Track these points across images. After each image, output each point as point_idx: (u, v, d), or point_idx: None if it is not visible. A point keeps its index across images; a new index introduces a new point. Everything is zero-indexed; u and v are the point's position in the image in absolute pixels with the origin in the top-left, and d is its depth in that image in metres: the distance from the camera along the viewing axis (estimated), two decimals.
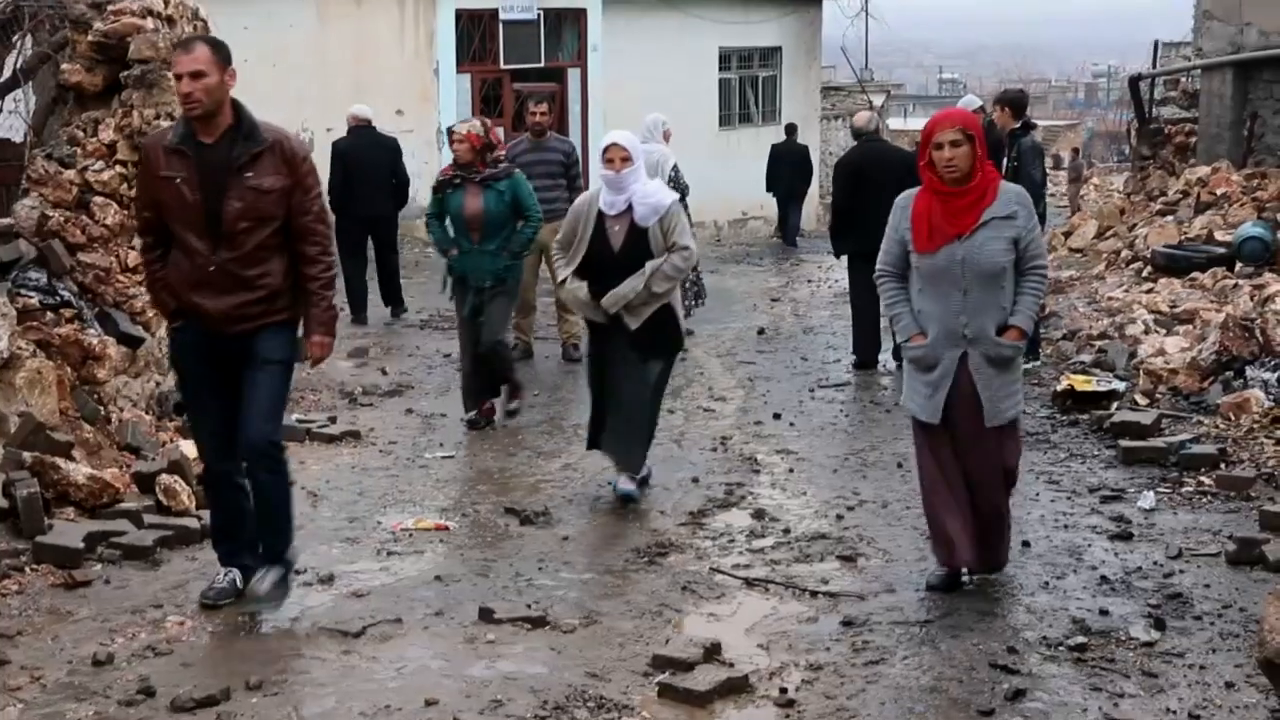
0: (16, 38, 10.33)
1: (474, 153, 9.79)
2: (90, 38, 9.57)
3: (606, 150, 7.89)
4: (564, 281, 8.11)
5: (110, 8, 9.70)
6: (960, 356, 6.33)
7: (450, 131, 10.24)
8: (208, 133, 5.98)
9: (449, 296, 10.22)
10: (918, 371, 6.45)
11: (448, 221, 9.97)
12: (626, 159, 7.83)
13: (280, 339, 6.18)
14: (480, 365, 9.97)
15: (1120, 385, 10.42)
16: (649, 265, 7.81)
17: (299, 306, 6.22)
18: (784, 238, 24.16)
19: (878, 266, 6.61)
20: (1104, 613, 6.29)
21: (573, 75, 21.80)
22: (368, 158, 14.11)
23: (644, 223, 7.86)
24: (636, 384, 8.09)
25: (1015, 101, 11.92)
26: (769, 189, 24.15)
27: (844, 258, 12.68)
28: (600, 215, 7.93)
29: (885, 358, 12.51)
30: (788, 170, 23.71)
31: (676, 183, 13.12)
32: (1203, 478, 8.38)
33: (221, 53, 6.03)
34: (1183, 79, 20.98)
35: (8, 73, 10.59)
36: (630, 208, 7.85)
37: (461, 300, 9.96)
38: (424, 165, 19.93)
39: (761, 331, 14.09)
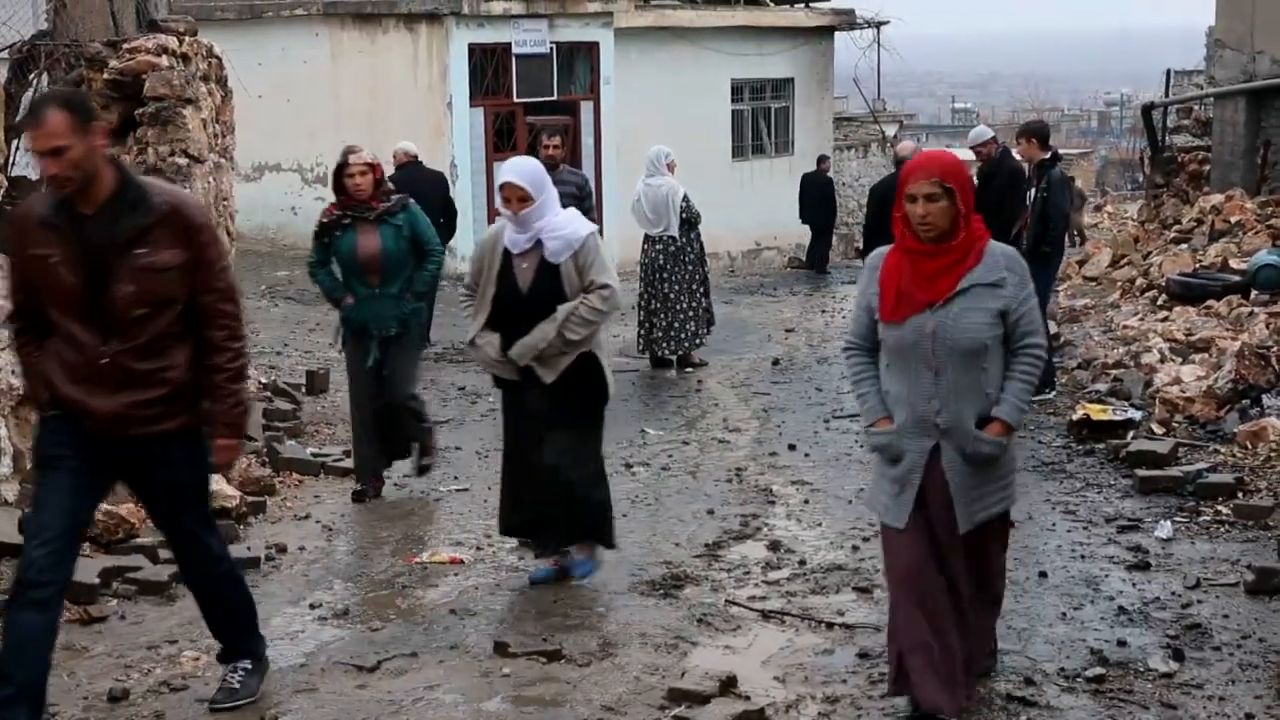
0: (33, 76, 10.39)
1: (374, 185, 8.63)
2: (106, 75, 9.65)
3: (502, 189, 6.88)
4: (473, 340, 7.09)
5: (126, 46, 9.78)
6: (932, 449, 5.28)
7: (341, 167, 8.70)
8: (86, 203, 5.01)
9: (339, 349, 9.24)
10: (883, 463, 5.45)
11: (335, 267, 8.78)
12: (525, 199, 6.78)
13: (188, 455, 5.30)
14: (385, 426, 8.83)
15: (1136, 414, 10.38)
16: (561, 310, 6.79)
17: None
18: (811, 265, 24.25)
19: (845, 337, 5.69)
20: (1122, 643, 6.26)
21: (585, 108, 21.87)
22: (418, 193, 14.29)
23: (555, 259, 6.86)
24: (560, 449, 7.01)
25: (1041, 133, 12.00)
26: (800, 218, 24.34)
27: None
28: (507, 254, 6.96)
29: None
30: (810, 200, 23.84)
31: (688, 213, 13.19)
32: (1220, 507, 8.34)
33: (80, 112, 4.98)
34: (1196, 107, 20.98)
35: (23, 111, 10.64)
36: (539, 243, 6.88)
37: (358, 353, 8.78)
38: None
39: (776, 362, 14.09)
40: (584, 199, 12.50)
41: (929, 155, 5.53)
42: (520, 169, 6.91)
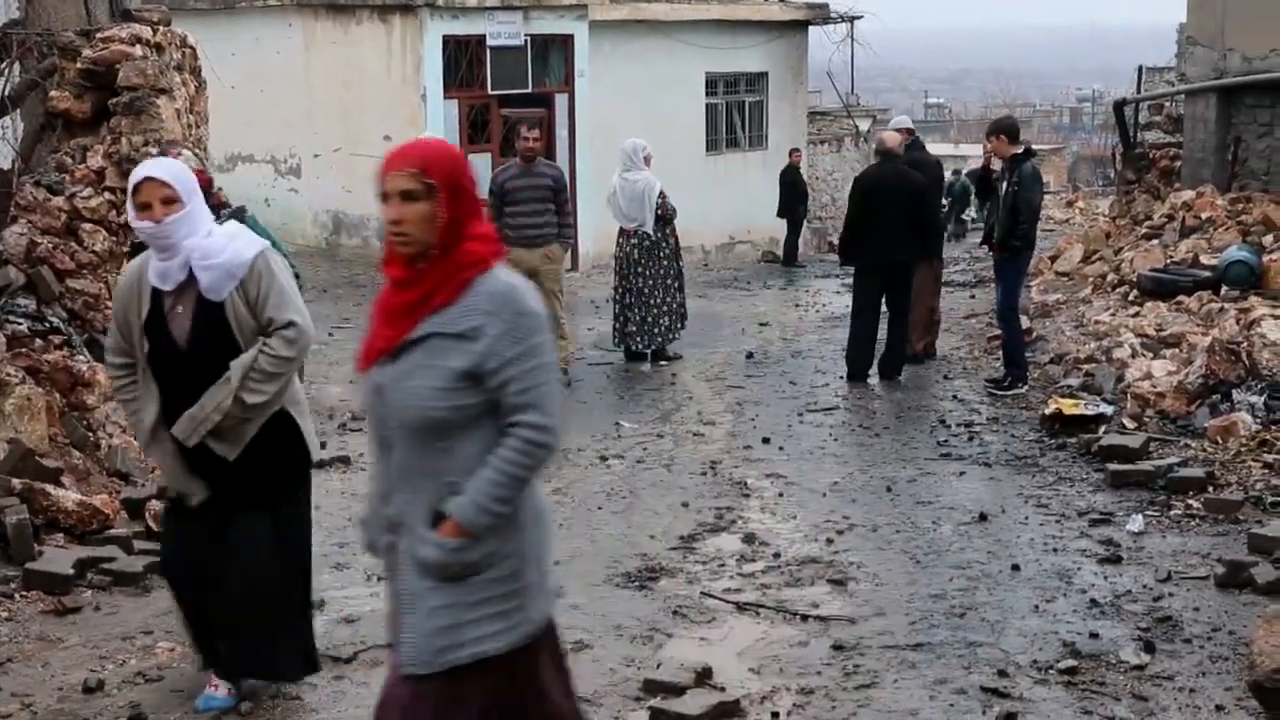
0: (4, 65, 10.34)
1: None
2: (79, 65, 9.61)
3: (137, 191, 5.08)
4: (152, 432, 5.29)
5: (99, 35, 9.73)
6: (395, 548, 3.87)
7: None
8: None
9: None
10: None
11: None
12: (172, 200, 5.04)
13: None
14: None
15: (1108, 409, 10.44)
16: (235, 367, 5.10)
17: None
18: (786, 260, 24.40)
19: None
20: (1094, 636, 6.30)
21: (560, 101, 21.85)
22: None
23: (215, 295, 5.09)
24: (251, 547, 5.33)
25: (1011, 129, 12.06)
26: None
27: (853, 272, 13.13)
28: (156, 295, 5.17)
29: (873, 380, 12.60)
30: (782, 193, 24.06)
31: (664, 208, 13.19)
32: (1191, 501, 8.40)
33: None
34: (1167, 104, 21.08)
35: None
36: (191, 276, 5.10)
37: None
38: None
39: (750, 356, 14.11)
40: (559, 192, 12.47)
41: (413, 142, 4.06)
42: (161, 164, 5.34)
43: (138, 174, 5.15)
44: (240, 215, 7.25)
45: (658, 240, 13.32)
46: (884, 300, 12.63)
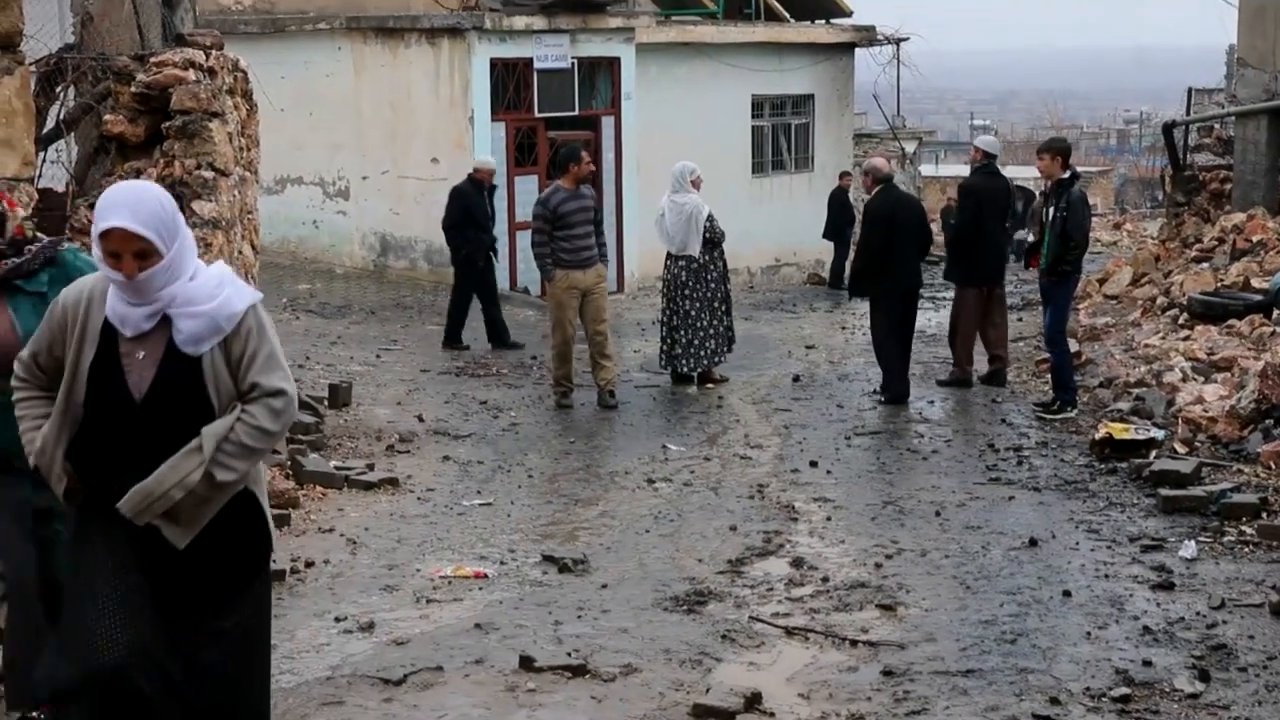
0: (60, 89, 10.44)
1: None
2: (133, 89, 9.68)
3: (105, 239, 4.18)
4: (42, 457, 4.36)
5: (153, 60, 9.81)
6: None
7: None
8: None
9: None
10: None
11: None
12: (147, 254, 4.18)
13: None
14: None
15: (1159, 433, 10.37)
16: (208, 434, 4.23)
17: None
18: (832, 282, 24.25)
19: None
20: (1147, 663, 6.25)
21: (606, 123, 21.90)
22: (483, 205, 15.72)
23: (194, 348, 4.27)
24: (210, 660, 4.39)
25: (1065, 150, 12.08)
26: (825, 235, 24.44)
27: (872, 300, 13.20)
28: (110, 332, 4.30)
29: (921, 404, 12.56)
30: (830, 215, 23.96)
31: (711, 232, 13.20)
32: (1244, 527, 8.32)
33: None
34: (1217, 126, 20.95)
35: (51, 123, 10.70)
36: (166, 321, 4.27)
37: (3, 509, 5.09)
38: None
39: (797, 379, 14.08)
40: (598, 213, 12.62)
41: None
42: (136, 204, 4.19)
43: (103, 217, 4.17)
44: (50, 255, 5.17)
45: (705, 263, 13.32)
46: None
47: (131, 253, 4.15)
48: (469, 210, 15.39)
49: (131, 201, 4.18)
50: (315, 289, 19.30)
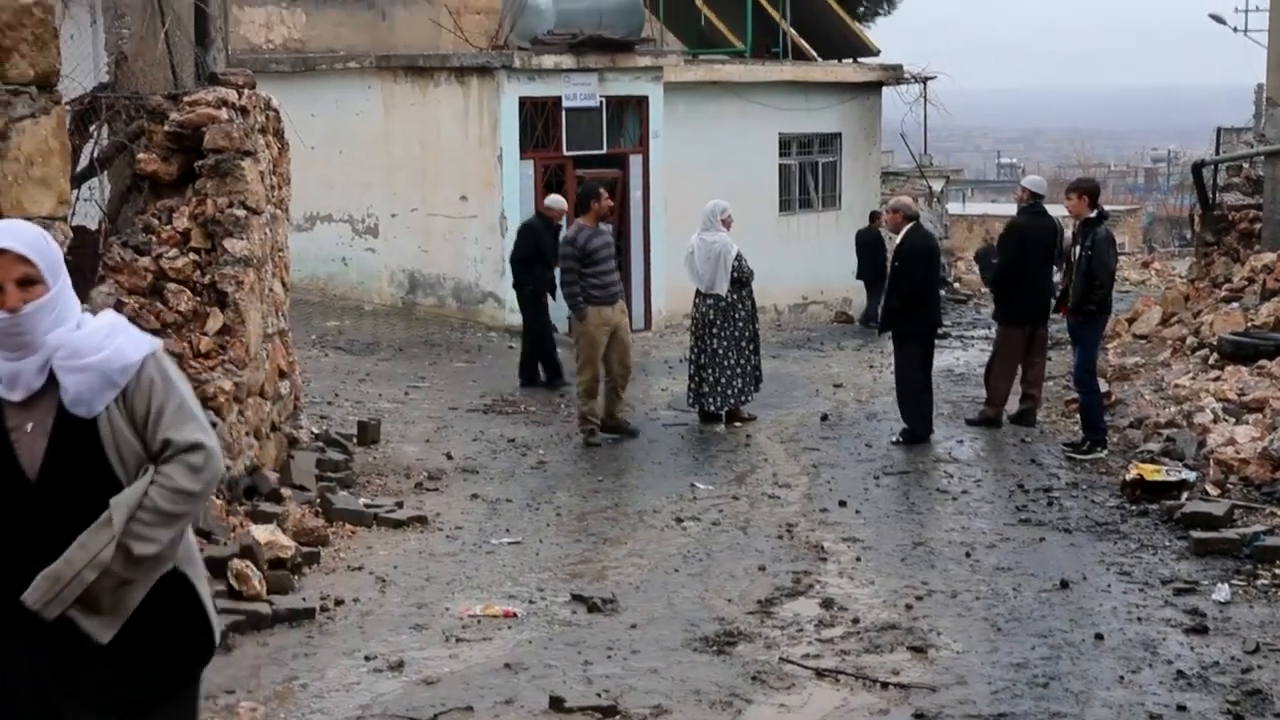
0: (94, 127, 10.53)
1: None
2: (166, 128, 9.77)
3: None
4: None
5: (186, 99, 9.90)
6: None
7: None
8: None
9: None
10: None
11: None
12: (34, 280, 3.66)
13: None
14: None
15: (1190, 475, 10.31)
16: (117, 504, 3.63)
17: None
18: (865, 320, 24.15)
19: None
20: (1182, 708, 6.21)
21: (634, 161, 21.95)
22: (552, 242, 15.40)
23: (86, 409, 3.66)
24: None
25: (1093, 190, 12.16)
26: (858, 275, 24.39)
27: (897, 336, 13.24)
28: None
29: (950, 443, 12.52)
30: (868, 255, 23.86)
31: (740, 271, 13.21)
32: (1278, 570, 8.26)
33: None
34: (1246, 165, 20.90)
35: (84, 161, 10.79)
36: (53, 380, 3.66)
37: None
38: (486, 251, 20.14)
39: (825, 418, 14.05)
40: (616, 249, 12.79)
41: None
42: (16, 228, 3.74)
43: None
44: None
45: (733, 302, 13.33)
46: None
47: (15, 280, 3.60)
48: (537, 246, 15.30)
49: (12, 226, 3.72)
50: (344, 326, 19.36)
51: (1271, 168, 18.09)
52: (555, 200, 15.95)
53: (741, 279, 13.29)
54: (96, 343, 3.67)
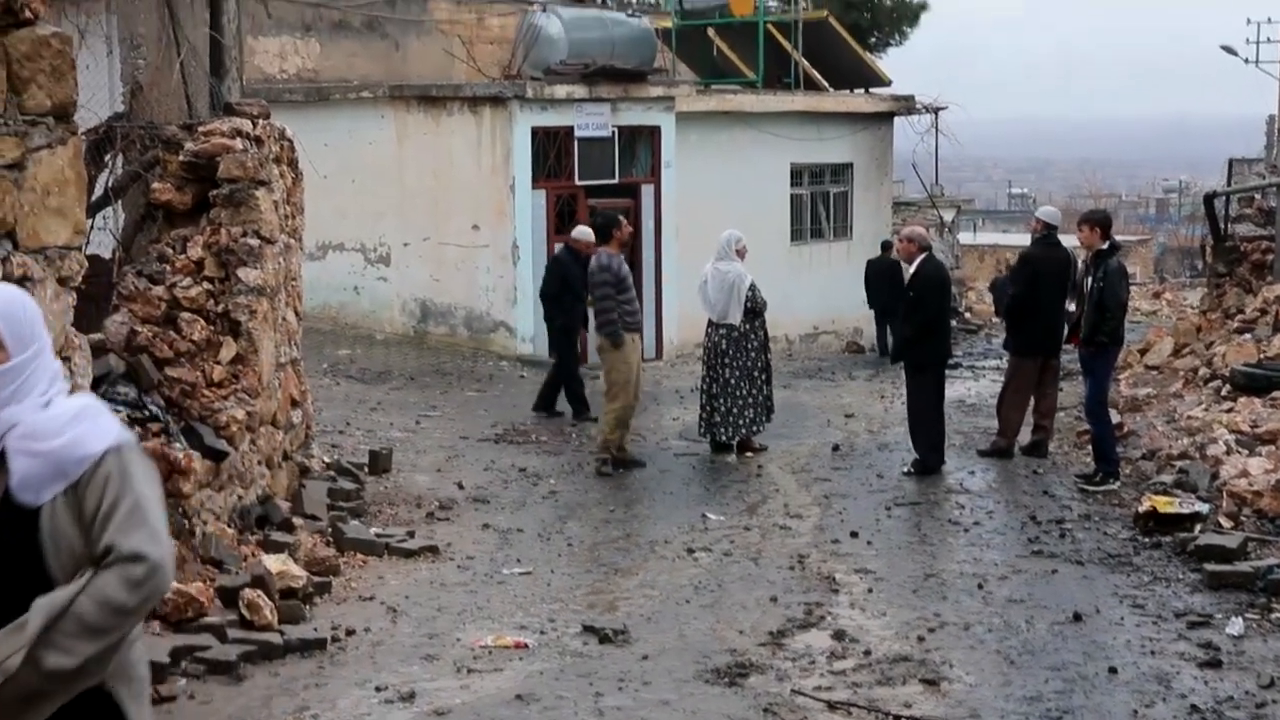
0: (108, 157, 10.58)
1: None
2: (181, 157, 9.80)
3: None
4: None
5: (201, 129, 9.94)
6: None
7: None
8: None
9: None
10: None
11: None
12: None
13: None
14: None
15: (1203, 507, 10.28)
16: (38, 607, 3.29)
17: None
18: (882, 352, 24.04)
19: None
20: None
21: (646, 191, 22.00)
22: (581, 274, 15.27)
23: (32, 496, 3.37)
24: None
25: (1105, 222, 12.18)
26: (869, 304, 24.31)
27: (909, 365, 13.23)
28: None
29: (962, 474, 12.49)
30: (884, 286, 23.70)
31: (754, 301, 13.21)
32: None
33: None
34: (1258, 196, 20.90)
35: (99, 191, 10.85)
36: (3, 459, 3.38)
37: None
38: (498, 280, 20.18)
39: (836, 448, 14.04)
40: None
41: None
42: None
43: None
44: None
45: (745, 332, 13.33)
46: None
47: None
48: (565, 279, 15.24)
49: None
50: (355, 354, 19.38)
51: None
52: (584, 231, 15.77)
53: (754, 309, 13.30)
54: (57, 427, 3.37)
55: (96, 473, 3.34)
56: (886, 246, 24.54)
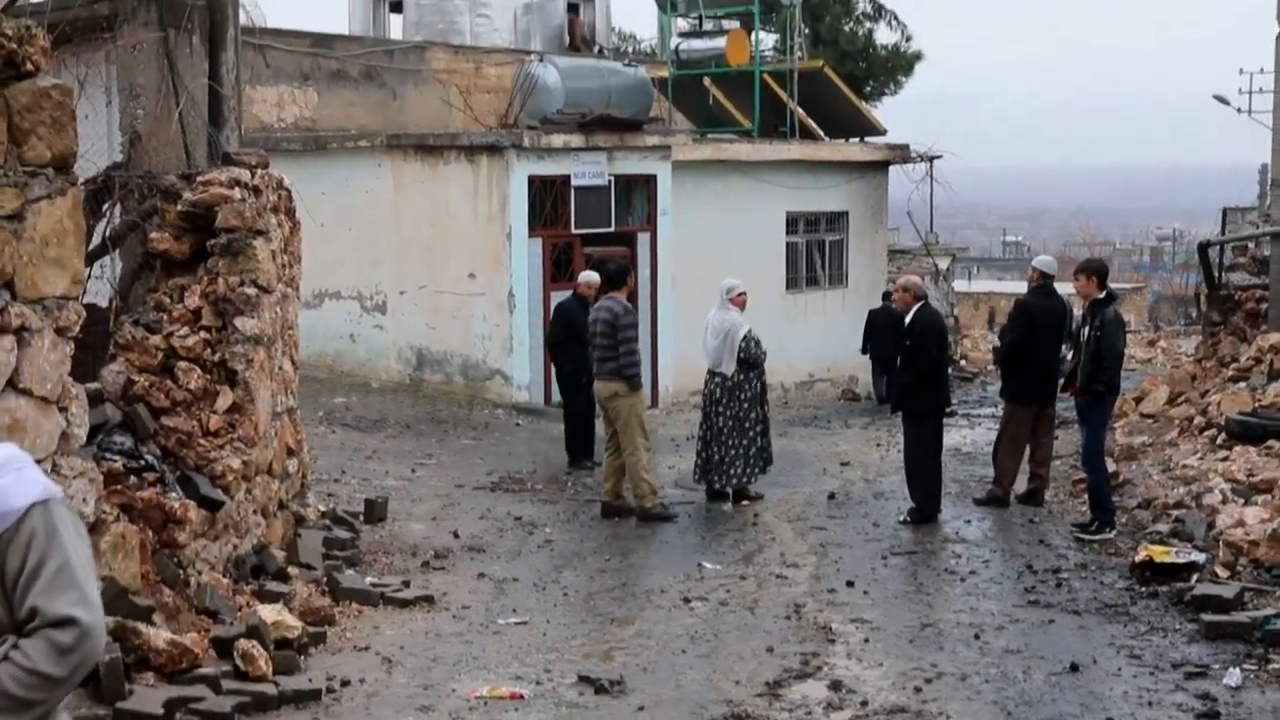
0: (107, 206, 10.62)
1: None
2: (179, 207, 9.84)
3: None
4: None
5: (200, 179, 9.98)
6: None
7: None
8: None
9: None
10: None
11: None
12: None
13: None
14: None
15: (1200, 556, 10.27)
16: None
17: None
18: (882, 399, 24.02)
19: None
20: None
21: (642, 239, 22.07)
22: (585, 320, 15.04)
23: None
24: None
25: (1101, 271, 12.26)
26: (864, 351, 24.32)
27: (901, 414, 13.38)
28: None
29: (958, 523, 12.49)
30: (888, 335, 23.66)
31: (747, 352, 13.22)
32: None
33: None
34: (1251, 245, 20.98)
35: (96, 240, 10.88)
36: None
37: None
38: (494, 328, 20.20)
39: (832, 496, 14.03)
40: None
41: None
42: None
43: None
44: None
45: (739, 382, 13.36)
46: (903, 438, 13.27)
47: None
48: (571, 326, 15.21)
49: None
50: (351, 402, 19.39)
51: (1277, 248, 18.17)
52: (588, 276, 15.73)
53: (748, 360, 13.30)
54: None
55: (20, 530, 3.12)
56: (888, 296, 24.60)
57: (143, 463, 8.48)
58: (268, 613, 8.07)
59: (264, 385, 9.63)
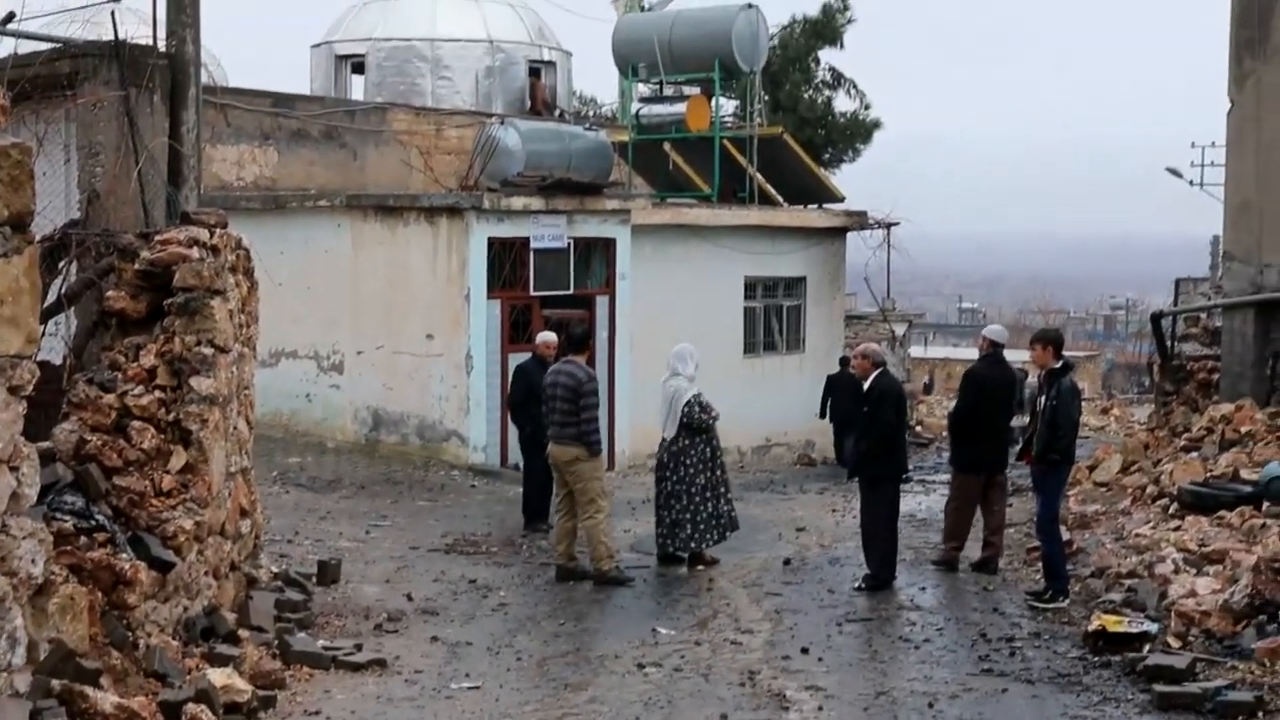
0: (63, 264, 10.57)
1: None
2: (137, 266, 9.81)
3: None
4: None
5: (158, 238, 9.95)
6: None
7: None
8: None
9: None
10: None
11: None
12: None
13: None
14: None
15: (1152, 627, 10.31)
16: None
17: None
18: (843, 461, 24.05)
19: None
20: None
21: (601, 302, 22.12)
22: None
23: None
24: None
25: (1057, 341, 12.42)
26: (822, 416, 24.43)
27: (857, 479, 13.37)
28: None
29: (913, 590, 12.50)
30: (846, 400, 23.69)
31: (690, 418, 13.23)
32: None
33: None
34: (1203, 316, 21.21)
35: (52, 297, 10.82)
36: None
37: None
38: (452, 389, 20.16)
39: (788, 562, 14.02)
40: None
41: None
42: None
43: None
44: None
45: (684, 447, 13.41)
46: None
47: None
48: (530, 388, 15.07)
49: None
50: (306, 462, 19.29)
51: (1229, 320, 18.37)
52: (546, 337, 15.85)
53: (690, 425, 13.32)
54: None
55: None
56: (845, 362, 24.71)
57: (93, 523, 8.40)
58: (217, 676, 7.99)
59: (218, 445, 9.58)
